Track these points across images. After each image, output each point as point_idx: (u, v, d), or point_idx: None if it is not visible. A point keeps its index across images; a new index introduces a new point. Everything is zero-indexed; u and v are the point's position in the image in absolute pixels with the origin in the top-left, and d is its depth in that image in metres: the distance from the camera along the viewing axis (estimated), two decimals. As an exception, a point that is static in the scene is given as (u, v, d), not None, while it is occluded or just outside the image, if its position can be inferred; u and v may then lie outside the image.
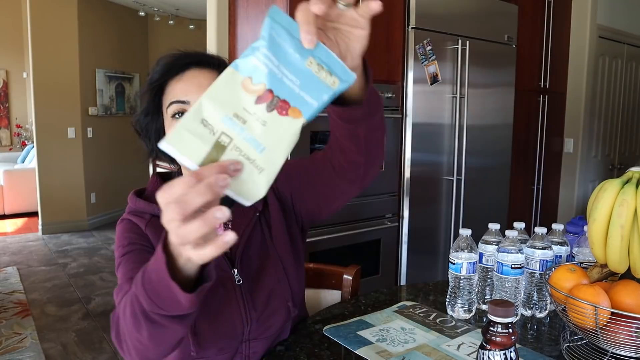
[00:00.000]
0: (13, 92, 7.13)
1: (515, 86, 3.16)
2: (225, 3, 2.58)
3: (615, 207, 0.93)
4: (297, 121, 0.49)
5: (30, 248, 4.73)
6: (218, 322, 0.91)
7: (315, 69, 0.49)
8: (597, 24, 3.64)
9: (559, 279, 0.96)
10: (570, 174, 3.76)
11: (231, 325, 0.92)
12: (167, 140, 0.46)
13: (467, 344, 0.99)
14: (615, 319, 0.84)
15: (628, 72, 4.11)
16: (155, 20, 6.18)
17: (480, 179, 3.01)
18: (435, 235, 2.88)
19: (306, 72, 0.49)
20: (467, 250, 1.12)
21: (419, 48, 2.63)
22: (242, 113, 0.48)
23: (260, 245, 0.98)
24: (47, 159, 5.12)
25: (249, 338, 0.95)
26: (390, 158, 2.66)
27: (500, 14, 3.02)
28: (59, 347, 2.75)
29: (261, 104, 0.48)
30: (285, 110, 0.48)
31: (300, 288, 1.03)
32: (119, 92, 5.79)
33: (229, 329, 0.92)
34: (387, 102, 2.61)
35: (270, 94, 0.48)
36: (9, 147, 7.13)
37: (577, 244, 1.27)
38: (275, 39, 0.49)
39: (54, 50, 5.00)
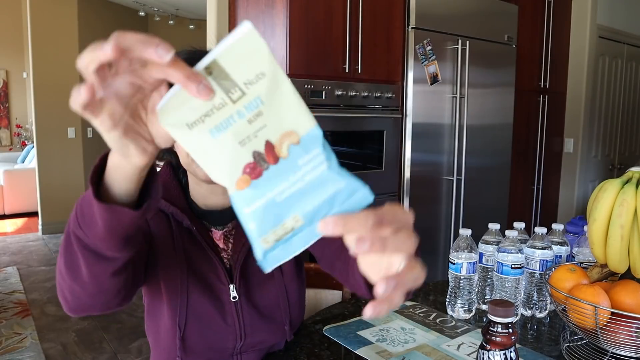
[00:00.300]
0: (13, 92, 7.13)
1: (515, 86, 3.16)
2: (225, 3, 2.58)
3: (615, 207, 0.93)
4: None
5: (30, 248, 4.73)
6: (209, 333, 0.88)
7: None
8: (597, 24, 3.64)
9: (559, 279, 0.96)
10: (570, 174, 3.76)
11: (222, 339, 0.89)
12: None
13: (467, 344, 0.99)
14: (615, 319, 0.84)
15: (628, 72, 4.11)
16: (155, 20, 6.18)
17: (480, 179, 3.01)
18: (435, 235, 2.88)
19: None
20: (467, 250, 1.12)
21: (419, 48, 2.63)
22: None
23: None
24: (47, 159, 5.12)
25: (240, 351, 0.92)
26: (390, 158, 2.66)
27: (500, 14, 3.02)
28: (59, 347, 2.75)
29: None
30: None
31: (299, 312, 0.99)
32: (119, 92, 5.79)
33: (219, 342, 0.89)
34: (387, 102, 2.61)
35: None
36: (9, 147, 7.13)
37: (577, 244, 1.27)
38: None
39: (54, 50, 5.00)
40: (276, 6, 2.30)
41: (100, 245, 0.55)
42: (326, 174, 0.39)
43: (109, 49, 0.37)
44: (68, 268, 0.60)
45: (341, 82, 2.42)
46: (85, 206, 0.53)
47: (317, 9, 2.32)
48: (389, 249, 0.39)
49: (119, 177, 0.48)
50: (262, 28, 2.40)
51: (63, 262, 0.60)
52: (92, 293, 0.63)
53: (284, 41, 2.26)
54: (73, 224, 0.56)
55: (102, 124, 0.41)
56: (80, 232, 0.55)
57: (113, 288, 0.64)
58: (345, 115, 2.44)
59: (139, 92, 0.42)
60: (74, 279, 0.61)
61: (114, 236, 0.53)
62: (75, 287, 0.62)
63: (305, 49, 2.30)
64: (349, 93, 2.44)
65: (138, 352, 2.71)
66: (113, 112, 0.41)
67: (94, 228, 0.53)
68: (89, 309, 0.68)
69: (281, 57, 2.28)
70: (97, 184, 0.50)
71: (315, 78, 2.33)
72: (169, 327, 0.87)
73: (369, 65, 2.52)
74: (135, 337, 2.88)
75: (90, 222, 0.53)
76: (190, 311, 0.87)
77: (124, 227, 0.52)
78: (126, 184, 0.49)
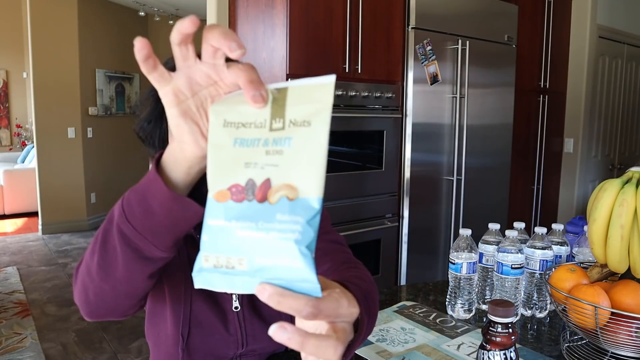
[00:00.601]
0: (13, 92, 7.13)
1: (515, 86, 3.16)
2: (225, 3, 2.58)
3: (615, 207, 0.93)
4: None
5: (30, 248, 4.73)
6: (210, 341, 0.88)
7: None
8: (597, 24, 3.64)
9: (559, 279, 0.96)
10: (570, 174, 3.76)
11: (224, 346, 0.89)
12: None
13: (467, 344, 0.99)
14: (615, 319, 0.84)
15: (628, 72, 4.11)
16: (155, 20, 6.18)
17: (480, 179, 3.01)
18: (435, 235, 2.88)
19: None
20: (467, 250, 1.12)
21: (419, 48, 2.63)
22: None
23: None
24: (47, 159, 5.12)
25: (241, 354, 0.92)
26: (390, 158, 2.66)
27: (500, 14, 3.03)
28: (59, 347, 2.75)
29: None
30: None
31: None
32: (119, 92, 5.79)
33: (220, 348, 0.89)
34: (387, 102, 2.61)
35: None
36: (9, 147, 7.13)
37: (577, 244, 1.27)
38: None
39: (54, 50, 5.00)
40: (276, 6, 2.30)
41: (149, 241, 0.53)
42: (290, 245, 0.37)
43: (188, 23, 0.40)
44: (101, 267, 0.58)
45: (341, 82, 2.42)
46: (140, 198, 0.51)
47: (317, 9, 2.32)
48: (305, 351, 0.38)
49: (172, 165, 0.48)
50: (262, 28, 2.40)
51: (96, 260, 0.58)
52: (121, 295, 0.61)
53: (284, 41, 2.26)
54: (119, 219, 0.53)
55: (165, 95, 0.43)
56: (128, 226, 0.52)
57: (143, 292, 0.63)
58: (345, 115, 2.44)
59: (212, 87, 0.43)
60: (106, 279, 0.59)
61: (171, 231, 0.52)
62: (105, 288, 0.60)
63: (305, 49, 2.30)
64: (349, 93, 2.44)
65: (138, 352, 2.71)
66: (179, 91, 0.43)
67: (148, 221, 0.51)
68: (110, 314, 0.66)
69: (281, 57, 2.28)
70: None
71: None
72: (171, 333, 0.87)
73: (369, 65, 2.52)
74: (135, 337, 2.88)
75: (145, 215, 0.51)
76: (192, 319, 0.86)
77: (186, 221, 0.51)
78: (179, 175, 0.48)
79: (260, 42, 2.42)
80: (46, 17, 4.94)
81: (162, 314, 0.88)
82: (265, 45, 2.39)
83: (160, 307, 0.89)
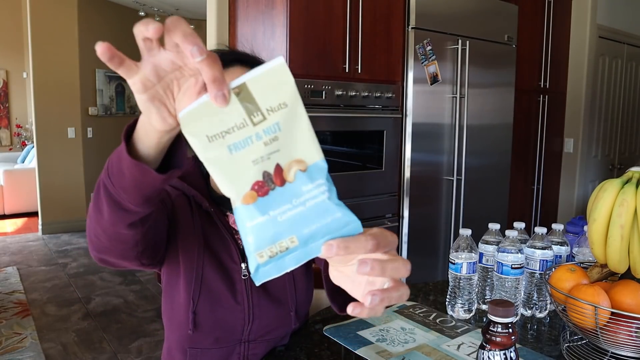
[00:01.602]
0: (13, 92, 7.13)
1: (515, 86, 3.16)
2: (225, 3, 2.58)
3: (615, 207, 0.93)
4: None
5: (30, 248, 4.73)
6: (219, 309, 0.93)
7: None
8: (597, 24, 3.64)
9: (559, 279, 0.96)
10: (570, 174, 3.76)
11: (232, 317, 0.94)
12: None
13: (467, 344, 0.99)
14: (615, 319, 0.84)
15: (628, 72, 4.11)
16: (156, 20, 6.18)
17: (480, 179, 3.01)
18: (435, 235, 2.88)
19: None
20: (467, 250, 1.12)
21: (419, 48, 2.63)
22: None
23: None
24: (47, 159, 5.12)
25: (249, 339, 0.96)
26: (390, 158, 2.66)
27: (500, 14, 3.02)
28: (59, 347, 2.75)
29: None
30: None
31: (306, 300, 1.03)
32: (119, 92, 5.79)
33: (228, 320, 0.94)
34: (387, 102, 2.61)
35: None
36: (9, 147, 7.13)
37: (577, 244, 1.27)
38: None
39: (54, 50, 5.00)
40: (276, 6, 2.30)
41: (123, 196, 0.60)
42: (326, 203, 0.43)
43: (151, 31, 0.42)
44: (94, 212, 0.66)
45: (341, 82, 2.42)
46: (115, 159, 0.57)
47: (317, 9, 2.32)
48: (387, 273, 0.45)
49: (144, 137, 0.53)
50: (262, 28, 2.40)
51: (92, 205, 0.67)
52: (111, 238, 0.69)
53: (284, 41, 2.26)
54: (104, 173, 0.61)
55: (134, 85, 0.46)
56: (108, 181, 0.60)
57: (130, 239, 0.71)
58: (345, 115, 2.44)
59: (178, 71, 0.46)
60: (98, 222, 0.67)
61: (136, 191, 0.58)
62: (98, 230, 0.69)
63: (305, 49, 2.30)
64: (349, 93, 2.44)
65: (138, 352, 2.71)
66: (146, 80, 0.45)
67: (120, 180, 0.58)
68: (108, 253, 0.74)
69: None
70: (128, 141, 0.55)
71: (315, 78, 2.33)
72: (183, 300, 0.93)
73: (369, 65, 2.52)
74: (135, 337, 2.88)
75: (118, 174, 0.57)
76: (203, 285, 0.93)
77: (147, 186, 0.57)
78: (150, 144, 0.53)
79: (260, 42, 2.42)
80: (46, 17, 4.94)
81: (177, 283, 0.95)
82: (265, 46, 2.39)
83: (175, 277, 0.95)
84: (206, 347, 0.95)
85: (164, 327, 1.03)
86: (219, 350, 0.96)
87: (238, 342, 0.96)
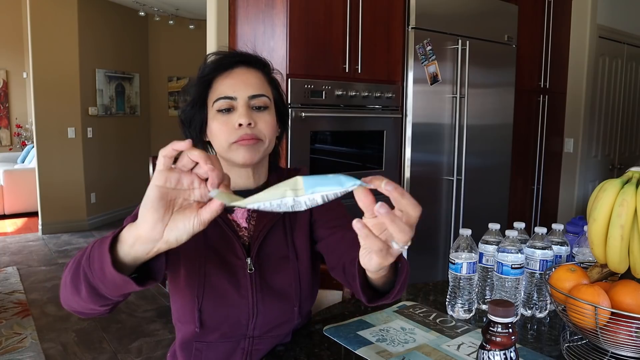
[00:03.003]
0: (13, 92, 7.13)
1: (515, 86, 3.16)
2: (225, 3, 2.58)
3: (615, 207, 0.93)
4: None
5: (30, 248, 4.73)
6: (223, 305, 0.94)
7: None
8: (597, 24, 3.64)
9: (559, 279, 0.96)
10: (570, 174, 3.76)
11: (236, 312, 0.94)
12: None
13: (467, 344, 0.99)
14: (615, 319, 0.84)
15: (628, 72, 4.11)
16: (155, 20, 6.17)
17: (480, 179, 3.01)
18: (435, 235, 2.88)
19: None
20: (467, 250, 1.12)
21: (419, 48, 2.63)
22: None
23: (279, 243, 0.99)
24: (47, 159, 5.11)
25: (253, 335, 0.96)
26: (390, 158, 2.66)
27: (500, 14, 3.03)
28: (59, 347, 2.75)
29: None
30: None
31: (310, 295, 1.03)
32: (119, 92, 5.79)
33: (233, 315, 0.94)
34: (387, 102, 2.61)
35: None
36: (9, 147, 7.13)
37: (577, 244, 1.27)
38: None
39: (54, 50, 4.99)
40: (276, 6, 2.30)
41: (102, 287, 0.66)
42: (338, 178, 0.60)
43: (162, 162, 0.57)
44: (72, 288, 0.72)
45: (341, 82, 2.42)
46: (97, 258, 0.64)
47: (317, 9, 2.32)
48: (393, 227, 0.58)
49: (127, 248, 0.62)
50: (262, 28, 2.40)
51: (70, 277, 0.72)
52: (85, 309, 0.76)
53: (284, 41, 2.26)
54: (84, 261, 0.67)
55: (160, 176, 0.58)
56: (88, 270, 0.66)
57: (104, 312, 0.78)
58: (345, 115, 2.44)
59: (187, 192, 0.59)
60: (73, 297, 0.72)
61: (115, 289, 0.66)
62: (72, 303, 0.75)
63: (305, 49, 2.30)
64: (349, 93, 2.44)
65: (138, 352, 2.71)
66: (170, 179, 0.58)
67: (101, 276, 0.64)
68: (80, 314, 0.81)
69: (281, 57, 2.28)
70: (112, 250, 0.63)
71: (315, 78, 2.33)
72: (188, 299, 0.94)
73: (369, 65, 2.52)
74: (135, 337, 2.88)
75: (100, 271, 0.64)
76: (207, 284, 0.94)
77: (126, 289, 0.65)
78: (129, 257, 0.62)
79: (260, 42, 2.42)
80: (46, 17, 4.94)
81: (180, 287, 0.96)
82: (265, 45, 2.39)
83: (178, 281, 0.97)
84: (212, 341, 0.96)
85: (174, 329, 1.05)
86: (223, 345, 0.96)
87: (243, 337, 0.96)
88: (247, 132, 0.91)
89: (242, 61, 0.96)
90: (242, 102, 0.92)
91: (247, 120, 0.91)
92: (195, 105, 0.96)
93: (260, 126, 0.93)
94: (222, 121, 0.93)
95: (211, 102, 0.94)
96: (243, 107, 0.92)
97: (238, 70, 0.95)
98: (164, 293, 3.52)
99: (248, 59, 0.98)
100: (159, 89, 6.51)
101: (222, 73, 0.95)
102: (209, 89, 0.95)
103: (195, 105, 0.96)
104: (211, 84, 0.95)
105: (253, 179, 1.00)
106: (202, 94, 0.95)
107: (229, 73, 0.94)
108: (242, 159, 0.92)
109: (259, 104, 0.94)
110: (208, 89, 0.95)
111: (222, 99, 0.92)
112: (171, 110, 6.66)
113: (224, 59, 0.96)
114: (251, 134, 0.91)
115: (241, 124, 0.91)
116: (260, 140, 0.93)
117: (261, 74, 0.98)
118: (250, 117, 0.91)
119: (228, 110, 0.93)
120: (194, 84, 0.96)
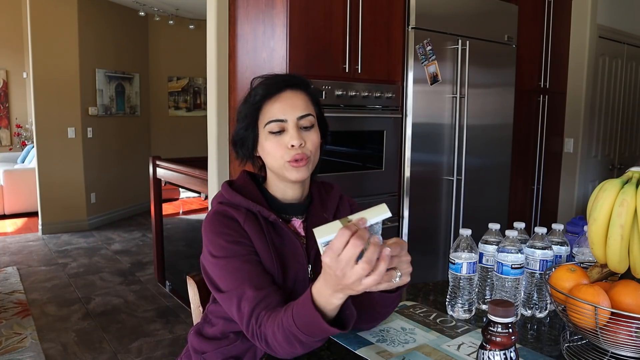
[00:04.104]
0: (13, 92, 7.13)
1: (515, 86, 3.16)
2: (225, 3, 2.58)
3: (615, 207, 0.93)
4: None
5: (30, 248, 4.73)
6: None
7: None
8: (597, 24, 3.64)
9: (559, 279, 0.96)
10: (570, 174, 3.76)
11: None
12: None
13: (467, 344, 0.99)
14: (615, 319, 0.84)
15: (628, 72, 4.11)
16: (155, 20, 6.18)
17: (480, 179, 3.01)
18: (435, 235, 2.88)
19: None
20: (467, 250, 1.12)
21: (419, 48, 2.63)
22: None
23: None
24: (47, 159, 5.12)
25: None
26: (390, 158, 2.66)
27: (500, 14, 3.02)
28: (59, 347, 2.76)
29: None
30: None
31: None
32: (119, 92, 5.79)
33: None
34: (387, 102, 2.61)
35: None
36: (9, 147, 7.13)
37: (577, 244, 1.27)
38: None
39: (54, 50, 5.00)
40: (276, 6, 2.30)
41: (315, 341, 0.85)
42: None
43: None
44: (289, 347, 0.87)
45: (341, 82, 2.42)
46: (313, 330, 0.82)
47: (317, 9, 2.32)
48: (399, 260, 0.87)
49: (325, 305, 0.81)
50: (262, 28, 2.40)
51: (286, 345, 0.86)
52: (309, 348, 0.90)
53: (284, 41, 2.26)
54: (300, 334, 0.83)
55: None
56: (305, 336, 0.83)
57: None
58: (345, 115, 2.44)
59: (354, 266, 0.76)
60: (290, 350, 0.88)
61: (324, 338, 0.86)
62: (287, 350, 0.88)
63: (305, 49, 2.30)
64: (349, 93, 2.44)
65: (138, 352, 2.71)
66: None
67: (318, 336, 0.83)
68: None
69: (281, 57, 2.28)
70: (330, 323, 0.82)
71: (315, 78, 2.33)
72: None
73: (369, 65, 2.52)
74: (135, 337, 2.88)
75: (321, 333, 0.82)
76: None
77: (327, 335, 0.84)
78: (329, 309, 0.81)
79: (260, 42, 2.42)
80: (46, 17, 4.94)
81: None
82: (265, 45, 2.39)
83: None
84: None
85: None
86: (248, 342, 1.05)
87: None
88: (298, 152, 1.02)
89: (288, 85, 1.05)
90: (292, 124, 1.02)
91: (298, 141, 1.01)
92: (248, 128, 1.07)
93: (309, 145, 1.04)
94: (275, 142, 1.03)
95: (262, 124, 1.04)
96: (293, 128, 1.02)
97: (285, 94, 1.04)
98: (164, 293, 3.53)
99: (293, 82, 1.07)
100: (159, 89, 6.51)
101: (270, 98, 1.04)
102: (259, 112, 1.05)
103: (248, 128, 1.07)
104: (261, 108, 1.05)
105: (300, 190, 1.11)
106: (253, 117, 1.06)
107: (277, 98, 1.04)
108: (294, 178, 1.04)
109: (306, 124, 1.04)
110: (258, 113, 1.05)
111: (274, 121, 1.02)
112: (171, 110, 6.66)
113: (272, 85, 1.05)
114: (302, 153, 1.02)
115: (293, 145, 1.01)
116: (310, 159, 1.05)
117: (305, 94, 1.07)
118: (301, 138, 1.02)
119: (279, 132, 1.03)
120: (247, 109, 1.07)
